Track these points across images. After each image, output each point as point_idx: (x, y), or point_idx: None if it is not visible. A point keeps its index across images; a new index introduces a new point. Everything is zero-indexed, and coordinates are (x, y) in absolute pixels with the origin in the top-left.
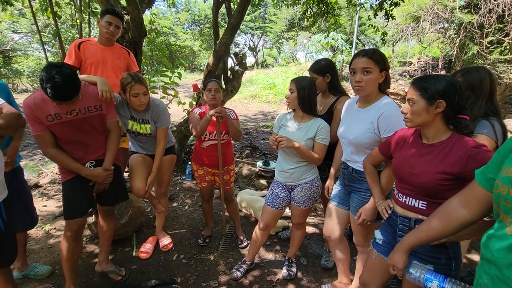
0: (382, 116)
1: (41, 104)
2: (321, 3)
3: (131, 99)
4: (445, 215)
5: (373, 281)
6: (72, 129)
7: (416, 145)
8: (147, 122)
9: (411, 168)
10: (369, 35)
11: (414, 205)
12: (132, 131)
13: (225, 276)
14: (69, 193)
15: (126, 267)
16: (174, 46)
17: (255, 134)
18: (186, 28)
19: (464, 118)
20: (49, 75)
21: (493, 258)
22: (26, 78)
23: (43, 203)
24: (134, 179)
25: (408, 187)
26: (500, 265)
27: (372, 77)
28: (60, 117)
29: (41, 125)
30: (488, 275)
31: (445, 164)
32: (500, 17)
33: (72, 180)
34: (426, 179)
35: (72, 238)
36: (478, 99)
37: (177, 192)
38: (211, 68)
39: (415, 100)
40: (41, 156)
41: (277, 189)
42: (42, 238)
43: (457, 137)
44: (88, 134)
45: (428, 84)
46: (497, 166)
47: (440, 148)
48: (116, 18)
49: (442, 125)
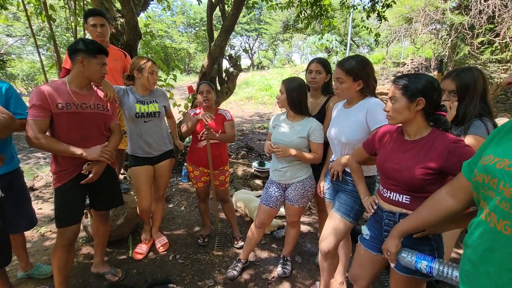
0: (368, 111)
1: (55, 91)
2: (315, 5)
3: (148, 76)
4: (434, 204)
5: (362, 275)
6: (78, 122)
7: (399, 142)
8: (155, 102)
9: (395, 164)
10: (363, 36)
11: (398, 199)
12: (140, 113)
13: (221, 275)
14: (63, 198)
15: (123, 268)
16: (169, 49)
17: (251, 135)
18: (181, 30)
19: (443, 114)
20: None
21: (473, 243)
22: (20, 82)
23: (38, 206)
24: (141, 199)
25: (393, 183)
26: (478, 250)
27: (345, 86)
28: (71, 107)
29: (45, 112)
30: (468, 260)
31: (427, 159)
32: (491, 18)
33: (66, 185)
34: (409, 174)
35: (66, 248)
36: (473, 99)
37: (173, 194)
38: (205, 70)
39: (396, 98)
40: (36, 160)
41: (271, 188)
42: (38, 241)
43: (437, 133)
44: (91, 132)
45: (408, 83)
46: (479, 157)
47: (421, 144)
48: (98, 17)
49: (423, 122)
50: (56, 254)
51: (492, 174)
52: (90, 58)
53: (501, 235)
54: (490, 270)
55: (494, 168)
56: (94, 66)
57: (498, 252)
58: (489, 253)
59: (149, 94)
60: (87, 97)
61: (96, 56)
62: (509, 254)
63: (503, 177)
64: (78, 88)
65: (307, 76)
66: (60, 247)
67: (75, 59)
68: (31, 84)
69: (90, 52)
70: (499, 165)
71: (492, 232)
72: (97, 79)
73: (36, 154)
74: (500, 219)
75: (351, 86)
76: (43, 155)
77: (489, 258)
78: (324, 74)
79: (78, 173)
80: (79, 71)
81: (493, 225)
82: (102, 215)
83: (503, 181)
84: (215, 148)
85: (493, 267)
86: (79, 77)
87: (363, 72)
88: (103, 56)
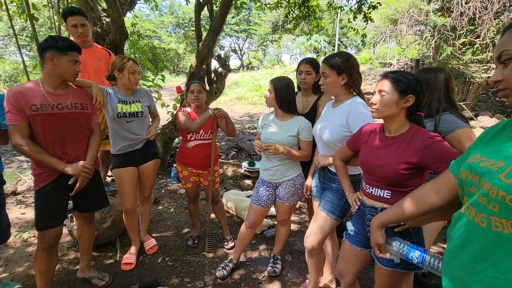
0: (350, 113)
1: (28, 92)
2: (303, 6)
3: (129, 76)
4: (417, 198)
5: (348, 270)
6: (55, 123)
7: (379, 138)
8: (137, 102)
9: (376, 160)
10: (351, 37)
11: (380, 194)
12: (122, 113)
13: (211, 276)
14: (43, 201)
15: (110, 272)
16: (158, 49)
17: (241, 135)
18: (170, 31)
19: (421, 115)
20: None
21: (454, 235)
22: (3, 83)
23: (21, 211)
24: (125, 201)
25: (374, 178)
26: (456, 242)
27: (329, 80)
28: (46, 108)
29: (21, 115)
30: (448, 251)
31: (405, 154)
32: (471, 19)
33: (47, 186)
34: (390, 169)
35: (46, 251)
36: (434, 94)
37: (162, 195)
38: (194, 70)
39: (387, 91)
40: (19, 163)
41: (261, 187)
42: (21, 247)
43: (415, 129)
44: (71, 132)
45: (402, 78)
46: (467, 156)
47: (400, 140)
48: (78, 16)
49: (405, 119)
50: (37, 258)
51: (475, 171)
52: (60, 55)
53: (478, 227)
54: (465, 259)
55: (478, 166)
56: (65, 64)
57: (474, 243)
58: (466, 244)
59: (131, 93)
60: (63, 97)
61: (67, 53)
62: (483, 245)
63: (484, 174)
64: (52, 88)
65: (297, 77)
66: (40, 250)
67: (45, 57)
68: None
69: (60, 49)
70: (483, 164)
71: (470, 224)
72: (69, 77)
73: (19, 158)
74: (478, 212)
75: (336, 80)
76: (26, 158)
77: (466, 248)
78: (314, 75)
79: (58, 175)
80: (50, 69)
81: (471, 217)
82: (86, 217)
83: (484, 177)
84: (206, 148)
85: (468, 257)
86: (51, 76)
87: (346, 65)
88: (75, 53)
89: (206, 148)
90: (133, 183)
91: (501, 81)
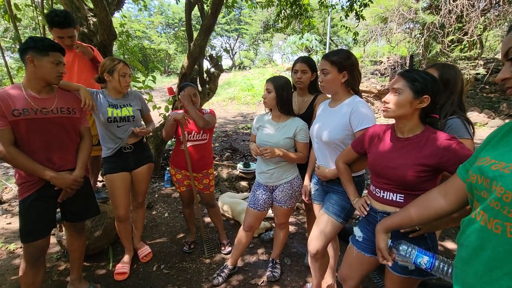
0: (352, 111)
1: (9, 97)
2: (294, 5)
3: (120, 79)
4: (424, 203)
5: (352, 276)
6: (39, 128)
7: (391, 139)
8: (128, 105)
9: (388, 162)
10: (342, 35)
11: (392, 198)
12: (113, 118)
13: (209, 283)
14: (27, 211)
15: (102, 283)
16: (148, 50)
17: (235, 136)
18: (160, 31)
19: (436, 117)
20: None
21: (464, 242)
22: None
23: (7, 221)
24: (118, 208)
25: (386, 181)
26: (468, 248)
27: (330, 77)
28: (29, 112)
29: (3, 120)
30: (460, 258)
31: (422, 156)
32: (459, 17)
33: (32, 196)
34: (404, 171)
35: (32, 264)
36: (451, 96)
37: (156, 200)
38: (186, 70)
39: (402, 90)
40: (4, 170)
41: (258, 190)
42: (7, 259)
43: (431, 131)
44: (56, 138)
45: (418, 77)
46: (475, 159)
47: (416, 141)
48: (65, 29)
49: (418, 120)
50: (23, 271)
51: (486, 175)
52: (41, 56)
53: (491, 234)
54: (479, 268)
55: (489, 170)
56: (47, 65)
57: (487, 251)
58: (479, 251)
59: (122, 97)
60: (47, 101)
61: (48, 53)
62: (498, 253)
63: (496, 177)
64: (35, 91)
65: (292, 76)
66: (25, 263)
67: (25, 59)
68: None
69: (40, 49)
70: (494, 167)
71: (483, 230)
72: (52, 79)
73: (4, 164)
74: (491, 217)
75: (336, 77)
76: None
77: (479, 256)
78: (309, 74)
79: (44, 184)
80: (31, 72)
81: (483, 223)
82: (76, 226)
83: (495, 181)
84: (199, 150)
85: (483, 265)
86: (33, 79)
87: (348, 62)
88: (57, 54)
89: (201, 149)
90: (126, 189)
91: (509, 79)
